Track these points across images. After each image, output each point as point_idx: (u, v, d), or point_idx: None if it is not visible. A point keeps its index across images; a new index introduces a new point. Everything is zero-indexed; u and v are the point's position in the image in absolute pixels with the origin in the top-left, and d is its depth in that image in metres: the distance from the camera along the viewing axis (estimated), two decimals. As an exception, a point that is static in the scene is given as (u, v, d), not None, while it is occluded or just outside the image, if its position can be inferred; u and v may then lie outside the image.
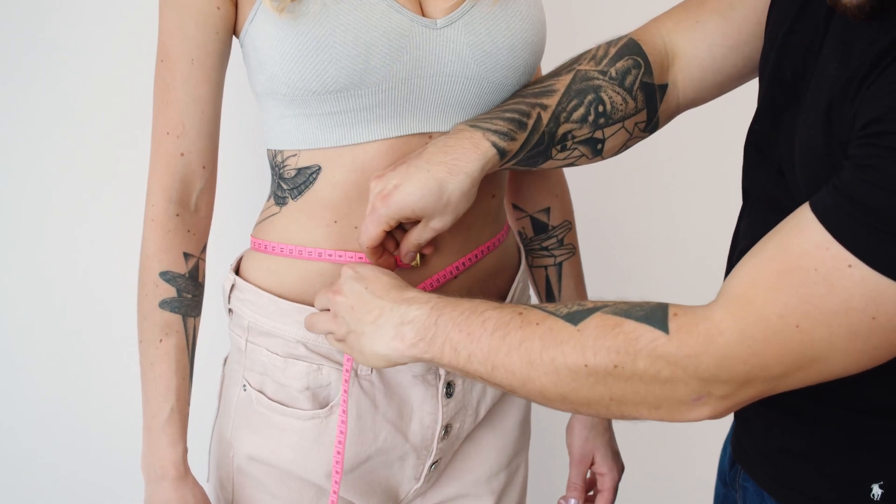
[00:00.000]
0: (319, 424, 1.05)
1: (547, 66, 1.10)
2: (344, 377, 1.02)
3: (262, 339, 1.07)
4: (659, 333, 0.80)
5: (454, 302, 0.91)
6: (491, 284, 1.12)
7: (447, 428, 1.10)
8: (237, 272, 1.11)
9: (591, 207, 1.49)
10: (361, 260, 1.01)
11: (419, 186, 0.95)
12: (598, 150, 1.04)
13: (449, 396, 1.09)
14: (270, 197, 1.08)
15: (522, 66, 1.03)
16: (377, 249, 1.00)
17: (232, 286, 1.09)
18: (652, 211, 1.87)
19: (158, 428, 1.04)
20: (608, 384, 0.82)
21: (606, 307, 0.84)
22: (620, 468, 1.27)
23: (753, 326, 0.77)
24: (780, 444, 0.94)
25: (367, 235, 0.98)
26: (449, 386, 1.09)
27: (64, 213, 1.60)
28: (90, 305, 1.64)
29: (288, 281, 1.05)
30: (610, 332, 0.82)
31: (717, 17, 1.03)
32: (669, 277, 1.85)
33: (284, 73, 0.95)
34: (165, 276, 1.03)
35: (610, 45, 1.04)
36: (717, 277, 0.85)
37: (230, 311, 1.11)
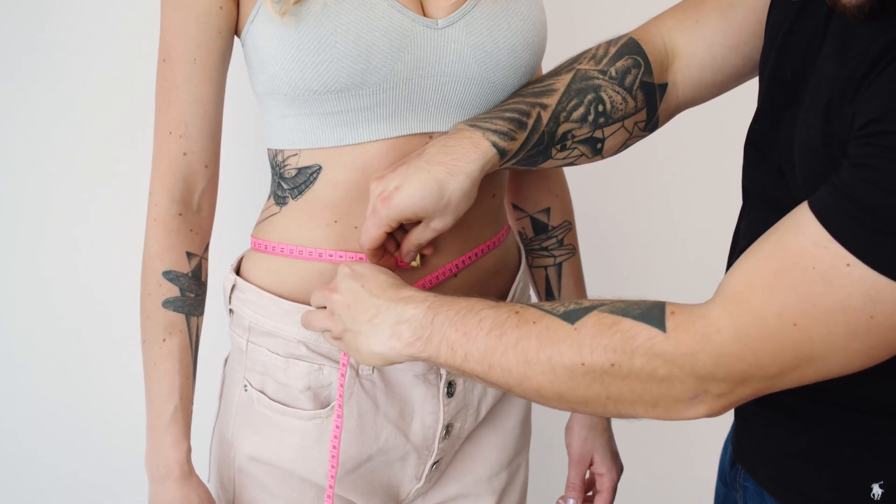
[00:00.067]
0: (321, 424, 1.05)
1: (547, 65, 1.10)
2: (341, 371, 1.02)
3: (263, 339, 1.07)
4: (656, 332, 0.80)
5: (451, 301, 0.91)
6: (491, 284, 1.12)
7: (448, 428, 1.10)
8: (238, 272, 1.11)
9: (590, 207, 1.49)
10: (361, 260, 1.01)
11: (420, 187, 0.95)
12: (597, 149, 1.04)
13: (450, 396, 1.09)
14: (270, 197, 1.08)
15: (523, 66, 1.03)
16: (378, 251, 1.00)
17: (233, 286, 1.09)
18: (651, 210, 1.86)
19: (162, 427, 1.04)
20: (605, 383, 0.82)
21: (603, 306, 0.84)
22: (619, 468, 1.27)
23: (751, 325, 0.77)
24: (780, 443, 0.94)
25: (367, 237, 0.98)
26: (450, 385, 1.09)
27: (64, 213, 1.60)
28: (90, 305, 1.64)
29: (288, 281, 1.05)
30: (607, 330, 0.82)
31: (716, 16, 1.03)
32: (669, 277, 1.85)
33: (285, 72, 0.95)
34: (168, 275, 1.03)
35: (610, 44, 1.04)
36: (716, 277, 0.85)
37: (231, 311, 1.11)
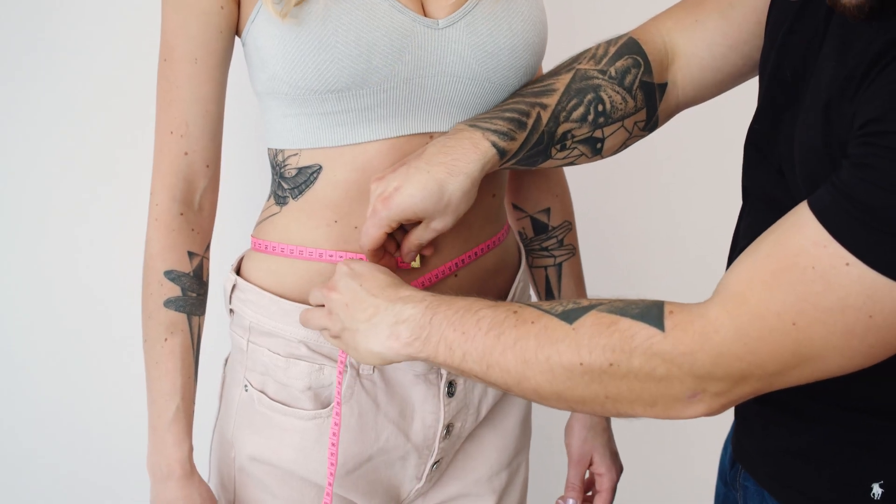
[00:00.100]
0: (321, 424, 1.05)
1: (547, 65, 1.10)
2: (339, 369, 1.02)
3: (263, 339, 1.07)
4: (654, 331, 0.80)
5: (449, 300, 0.91)
6: (491, 283, 1.12)
7: (449, 427, 1.10)
8: (238, 272, 1.11)
9: (590, 207, 1.49)
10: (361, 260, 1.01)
11: (420, 188, 0.95)
12: (597, 149, 1.04)
13: (451, 396, 1.09)
14: (271, 196, 1.08)
15: (524, 66, 1.03)
16: (378, 251, 1.00)
17: (233, 286, 1.09)
18: (651, 210, 1.86)
19: (164, 427, 1.04)
20: (603, 382, 0.82)
21: (602, 305, 0.84)
22: (619, 469, 1.27)
23: (750, 324, 0.77)
24: (780, 443, 0.94)
25: (368, 238, 0.98)
26: (451, 385, 1.09)
27: (64, 213, 1.60)
28: (90, 305, 1.64)
29: (288, 281, 1.05)
30: (605, 330, 0.82)
31: (716, 15, 1.03)
32: (669, 276, 1.85)
33: (286, 72, 0.95)
34: (170, 274, 1.03)
35: (610, 44, 1.04)
36: (717, 276, 0.85)
37: (231, 311, 1.11)
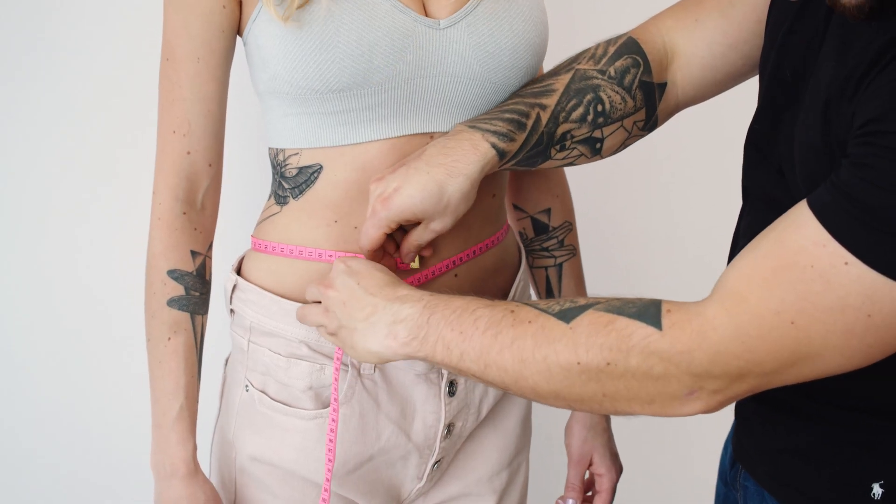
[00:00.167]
0: (322, 424, 1.05)
1: (547, 65, 1.10)
2: (335, 366, 1.02)
3: (264, 339, 1.07)
4: (651, 330, 0.80)
5: (446, 300, 0.91)
6: (491, 283, 1.12)
7: (450, 427, 1.10)
8: (238, 272, 1.11)
9: (590, 207, 1.49)
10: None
11: (419, 189, 0.95)
12: (596, 149, 1.04)
13: (451, 395, 1.09)
14: (271, 196, 1.08)
15: (524, 66, 1.03)
16: (377, 252, 1.00)
17: (234, 286, 1.09)
18: (651, 210, 1.86)
19: (168, 426, 1.04)
20: (601, 381, 0.82)
21: (599, 304, 0.84)
22: (619, 469, 1.27)
23: (748, 323, 0.77)
24: (780, 443, 0.94)
25: (367, 238, 0.98)
26: (451, 385, 1.09)
27: (64, 213, 1.60)
28: (90, 305, 1.64)
29: (289, 281, 1.05)
30: (602, 329, 0.82)
31: (716, 15, 1.03)
32: (669, 276, 1.85)
33: (287, 72, 0.95)
34: (173, 274, 1.03)
35: (609, 43, 1.04)
36: (716, 276, 0.85)
37: (232, 311, 1.11)
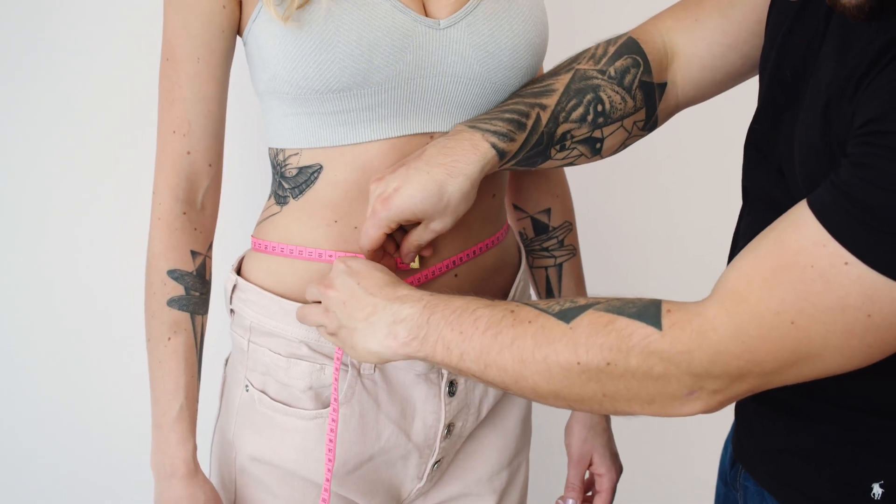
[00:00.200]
0: (322, 424, 1.05)
1: (547, 65, 1.10)
2: (335, 366, 1.02)
3: (264, 339, 1.07)
4: (651, 330, 0.80)
5: (446, 299, 0.91)
6: (491, 283, 1.12)
7: (450, 427, 1.10)
8: (238, 272, 1.11)
9: (590, 207, 1.49)
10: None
11: (419, 189, 0.95)
12: (596, 149, 1.04)
13: (451, 395, 1.09)
14: (271, 196, 1.08)
15: (525, 66, 1.03)
16: (377, 252, 1.00)
17: (234, 286, 1.09)
18: (651, 210, 1.86)
19: (168, 426, 1.04)
20: (601, 381, 0.82)
21: (599, 304, 0.84)
22: (619, 469, 1.27)
23: (748, 323, 0.77)
24: (780, 443, 0.94)
25: (367, 238, 0.98)
26: (451, 385, 1.09)
27: (64, 213, 1.60)
28: (90, 305, 1.64)
29: (288, 281, 1.05)
30: (602, 329, 0.82)
31: (716, 14, 1.03)
32: (668, 276, 1.85)
33: (287, 72, 0.95)
34: (173, 274, 1.03)
35: (609, 43, 1.04)
36: (716, 277, 0.85)
37: (232, 311, 1.11)
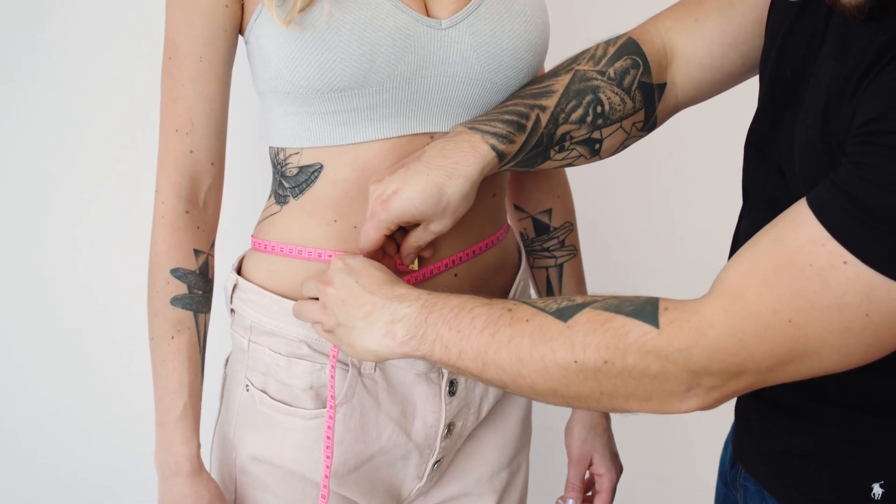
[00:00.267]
0: (322, 424, 1.05)
1: (548, 65, 1.10)
2: (331, 363, 1.02)
3: (264, 338, 1.07)
4: (649, 328, 0.80)
5: (444, 298, 0.91)
6: (491, 283, 1.12)
7: (450, 426, 1.10)
8: (239, 272, 1.11)
9: (590, 207, 1.49)
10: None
11: (419, 191, 0.95)
12: (595, 150, 1.04)
13: (452, 395, 1.09)
14: (271, 196, 1.08)
15: (525, 67, 1.03)
16: (377, 253, 1.00)
17: (234, 286, 1.09)
18: (651, 210, 1.86)
19: (172, 424, 1.04)
20: (598, 379, 0.82)
21: (596, 302, 0.84)
22: (619, 469, 1.27)
23: (745, 320, 0.77)
24: (780, 443, 0.94)
25: (366, 240, 0.98)
26: (452, 384, 1.09)
27: (64, 213, 1.60)
28: (90, 305, 1.64)
29: (288, 281, 1.05)
30: (599, 327, 0.82)
31: (716, 14, 1.03)
32: (668, 277, 1.85)
33: (289, 71, 0.95)
34: (176, 272, 1.03)
35: (609, 44, 1.04)
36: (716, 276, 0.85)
37: (232, 311, 1.11)
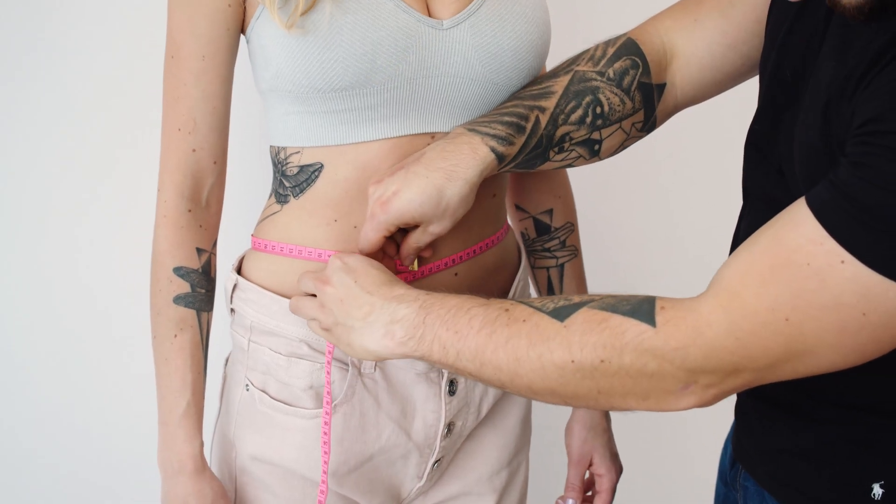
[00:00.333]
0: (323, 423, 1.05)
1: (549, 65, 1.10)
2: (327, 358, 1.02)
3: (264, 338, 1.07)
4: (645, 327, 0.80)
5: (442, 299, 0.91)
6: (491, 282, 1.12)
7: (450, 426, 1.11)
8: (239, 272, 1.11)
9: (590, 207, 1.49)
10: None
11: (418, 193, 0.95)
12: (595, 150, 1.04)
13: (452, 394, 1.09)
14: (272, 195, 1.08)
15: (526, 68, 1.03)
16: (377, 254, 1.00)
17: (234, 286, 1.09)
18: (651, 210, 1.86)
19: (175, 423, 1.04)
20: (595, 379, 0.83)
21: (593, 302, 0.85)
22: (619, 469, 1.28)
23: (743, 319, 0.77)
24: (780, 443, 0.94)
25: (366, 241, 0.98)
26: (452, 384, 1.09)
27: (64, 213, 1.60)
28: (90, 305, 1.64)
29: (288, 280, 1.05)
30: (596, 327, 0.82)
31: (716, 14, 1.03)
32: (668, 277, 1.85)
33: (291, 70, 0.95)
34: (179, 271, 1.03)
35: (608, 45, 1.04)
36: (716, 277, 0.85)
37: (232, 310, 1.11)
